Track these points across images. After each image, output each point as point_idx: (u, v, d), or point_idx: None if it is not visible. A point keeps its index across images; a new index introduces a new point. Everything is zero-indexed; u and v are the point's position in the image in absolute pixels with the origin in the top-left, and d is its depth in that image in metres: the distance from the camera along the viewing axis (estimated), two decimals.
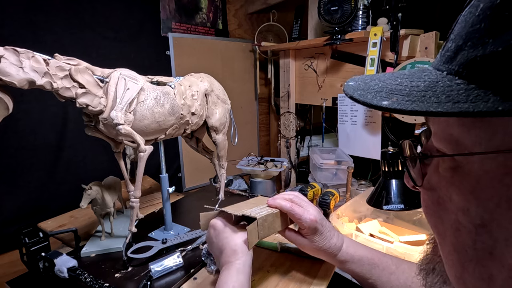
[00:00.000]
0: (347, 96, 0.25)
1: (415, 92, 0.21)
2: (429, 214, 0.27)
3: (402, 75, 0.25)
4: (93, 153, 1.23)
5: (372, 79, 0.26)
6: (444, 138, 0.23)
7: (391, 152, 0.94)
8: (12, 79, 0.51)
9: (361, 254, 0.58)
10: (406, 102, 0.20)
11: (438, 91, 0.20)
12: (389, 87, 0.23)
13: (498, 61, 0.17)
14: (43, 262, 0.66)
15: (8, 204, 1.06)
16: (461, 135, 0.21)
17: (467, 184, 0.22)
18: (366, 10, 1.26)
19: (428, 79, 0.22)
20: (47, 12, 1.09)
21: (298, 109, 1.76)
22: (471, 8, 0.20)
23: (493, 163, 0.20)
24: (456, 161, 0.22)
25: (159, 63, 1.45)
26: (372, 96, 0.23)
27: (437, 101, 0.19)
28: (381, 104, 0.21)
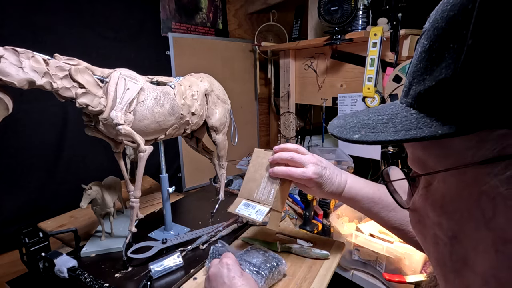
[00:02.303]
0: (328, 131, 0.29)
1: (380, 124, 0.24)
2: (416, 232, 0.29)
3: (374, 110, 0.28)
4: (93, 153, 1.23)
5: (351, 117, 0.29)
6: (414, 160, 0.26)
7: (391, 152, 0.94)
8: (12, 79, 0.51)
9: (362, 193, 0.62)
10: (371, 134, 0.24)
11: (397, 121, 0.23)
12: (361, 123, 0.26)
13: (434, 93, 0.21)
14: (43, 262, 0.66)
15: (8, 204, 1.06)
16: (424, 156, 0.24)
17: (437, 200, 0.24)
18: (366, 10, 1.26)
19: (391, 112, 0.25)
20: (47, 12, 1.09)
21: (298, 109, 1.76)
22: (415, 51, 0.24)
23: (452, 179, 0.22)
24: (427, 180, 0.25)
25: (159, 63, 1.44)
26: (347, 132, 0.26)
27: (394, 130, 0.22)
28: (353, 138, 0.25)
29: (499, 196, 0.19)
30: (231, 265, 0.53)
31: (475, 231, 0.21)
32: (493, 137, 0.19)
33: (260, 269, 0.60)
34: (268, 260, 0.64)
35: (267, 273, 0.60)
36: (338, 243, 0.79)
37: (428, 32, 0.22)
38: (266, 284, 0.60)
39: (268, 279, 0.60)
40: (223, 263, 0.54)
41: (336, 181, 0.63)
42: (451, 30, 0.20)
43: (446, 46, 0.20)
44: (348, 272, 0.89)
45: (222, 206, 0.96)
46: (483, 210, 0.20)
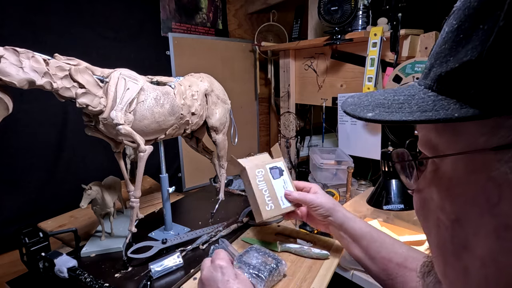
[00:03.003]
0: (342, 111, 0.28)
1: (395, 104, 0.24)
2: (419, 216, 0.29)
3: (390, 91, 0.27)
4: (93, 153, 1.23)
5: (366, 96, 0.29)
6: (425, 142, 0.26)
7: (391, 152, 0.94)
8: (12, 79, 0.51)
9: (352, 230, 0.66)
10: (385, 113, 0.23)
11: (413, 103, 0.23)
12: (376, 102, 0.26)
13: (456, 76, 0.20)
14: (43, 262, 0.66)
15: (8, 204, 1.06)
16: (436, 139, 0.24)
17: (443, 184, 0.24)
18: (366, 10, 1.26)
19: (408, 93, 0.25)
20: (47, 12, 1.09)
21: (298, 109, 1.76)
22: (442, 31, 0.24)
23: (461, 163, 0.22)
24: (436, 164, 0.25)
25: (159, 63, 1.44)
26: (361, 110, 0.26)
27: (409, 111, 0.22)
28: (366, 116, 0.25)
29: (506, 183, 0.19)
30: (224, 268, 0.51)
31: (478, 216, 0.21)
32: (509, 124, 0.19)
33: (260, 271, 0.60)
34: (268, 261, 0.64)
35: (266, 276, 0.60)
36: (338, 243, 0.79)
37: (458, 12, 0.21)
38: (266, 287, 0.60)
39: (268, 281, 0.60)
40: (215, 266, 0.51)
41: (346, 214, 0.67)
42: (483, 10, 0.19)
43: (476, 26, 0.19)
44: (348, 272, 0.89)
45: (222, 206, 0.96)
46: (488, 196, 0.20)
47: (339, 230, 0.67)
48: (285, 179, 0.72)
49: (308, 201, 0.68)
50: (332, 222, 0.67)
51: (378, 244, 0.61)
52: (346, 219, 0.66)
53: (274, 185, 0.70)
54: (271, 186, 0.70)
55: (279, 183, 0.71)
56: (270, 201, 0.68)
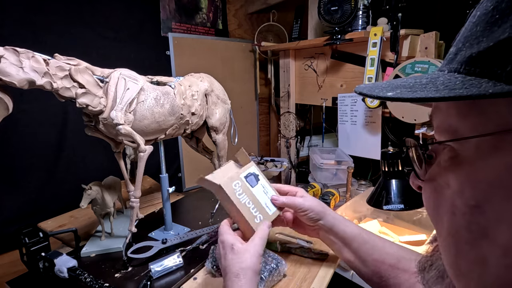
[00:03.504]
0: (356, 93, 0.27)
1: (418, 85, 0.23)
2: (429, 205, 0.28)
3: (408, 77, 0.27)
4: (93, 153, 1.23)
5: (382, 82, 0.28)
6: (444, 129, 0.25)
7: (391, 152, 0.94)
8: (12, 79, 0.51)
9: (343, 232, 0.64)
10: (408, 92, 0.22)
11: (438, 83, 0.22)
12: (395, 84, 0.25)
13: (491, 55, 0.20)
14: (43, 262, 0.66)
15: (8, 204, 1.06)
16: (459, 123, 0.23)
17: (463, 169, 0.23)
18: (366, 10, 1.26)
19: (430, 77, 0.24)
20: (47, 12, 1.09)
21: (298, 109, 1.76)
22: (470, 18, 0.23)
23: (486, 145, 0.21)
24: (455, 150, 0.24)
25: (159, 63, 1.44)
26: (379, 91, 0.25)
27: (435, 90, 0.21)
28: (386, 95, 0.24)
29: None
30: (224, 242, 0.54)
31: (503, 201, 0.20)
32: None
33: (260, 272, 0.60)
34: (268, 261, 0.64)
35: (266, 276, 0.60)
36: None
37: None
38: (266, 287, 0.60)
39: (268, 281, 0.60)
40: (219, 242, 0.56)
41: (336, 216, 0.65)
42: None
43: None
44: (348, 272, 0.89)
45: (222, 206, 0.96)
46: None
47: (329, 234, 0.64)
48: (263, 184, 0.66)
49: (297, 206, 0.64)
50: (323, 226, 0.64)
51: (369, 246, 0.59)
52: (337, 221, 0.64)
53: (254, 193, 0.63)
54: (253, 196, 0.62)
55: (259, 190, 0.64)
56: (257, 212, 0.60)
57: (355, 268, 0.62)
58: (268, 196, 0.65)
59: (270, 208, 0.63)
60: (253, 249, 0.52)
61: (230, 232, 0.56)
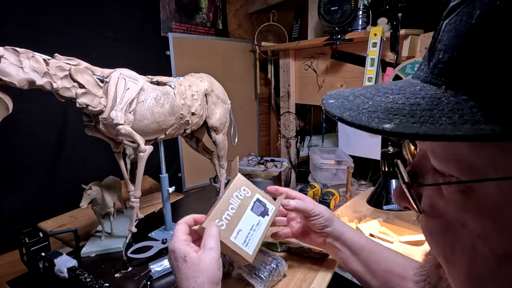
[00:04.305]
0: (334, 118, 0.21)
1: (418, 111, 0.18)
2: (435, 242, 0.24)
3: (389, 90, 0.22)
4: (93, 153, 1.23)
5: (355, 96, 0.23)
6: (449, 159, 0.21)
7: (391, 152, 0.94)
8: (12, 79, 0.51)
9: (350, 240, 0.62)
10: (413, 125, 0.17)
11: (446, 109, 0.17)
12: (383, 106, 0.20)
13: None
14: (43, 262, 0.66)
15: (8, 204, 1.06)
16: (472, 157, 0.19)
17: (485, 210, 0.20)
18: (366, 10, 1.26)
19: (425, 95, 0.20)
20: (47, 12, 1.09)
21: (298, 109, 1.76)
22: (460, 16, 0.19)
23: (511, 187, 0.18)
24: (467, 184, 0.20)
25: (159, 63, 1.44)
26: (368, 118, 0.20)
27: (450, 122, 0.16)
28: (383, 127, 0.18)
29: None
30: (175, 251, 0.46)
31: None
32: None
33: (260, 271, 0.60)
34: (268, 261, 0.64)
35: (266, 276, 0.60)
36: None
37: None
38: (266, 287, 0.60)
39: (268, 281, 0.60)
40: (169, 251, 0.48)
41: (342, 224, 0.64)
42: None
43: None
44: None
45: None
46: None
47: (337, 242, 0.62)
48: (261, 224, 0.56)
49: (309, 210, 0.62)
50: (331, 233, 0.62)
51: (377, 255, 0.57)
52: (345, 229, 0.62)
53: (245, 215, 0.54)
54: (240, 213, 0.54)
55: (251, 220, 0.55)
56: (224, 220, 0.52)
57: (363, 280, 0.59)
58: (255, 234, 0.54)
59: (238, 239, 0.52)
60: (208, 257, 0.45)
61: (184, 238, 0.49)
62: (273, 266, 0.62)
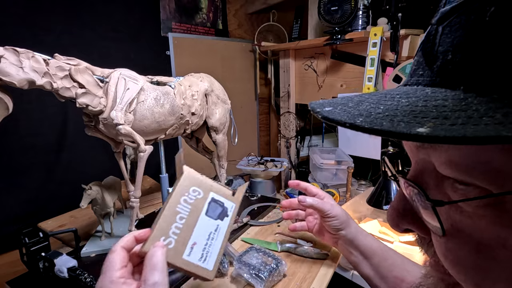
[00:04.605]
0: (344, 126, 0.18)
1: (449, 113, 0.16)
2: (462, 268, 0.21)
3: (395, 95, 0.20)
4: (93, 153, 1.23)
5: (356, 102, 0.21)
6: (477, 167, 0.18)
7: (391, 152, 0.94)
8: (12, 79, 0.51)
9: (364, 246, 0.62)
10: (453, 127, 0.14)
11: (482, 109, 0.15)
12: (401, 109, 0.18)
13: None
14: (43, 262, 0.66)
15: (8, 204, 1.06)
16: (504, 164, 0.17)
17: None
18: (366, 10, 1.26)
19: (445, 97, 0.17)
20: (47, 12, 1.09)
21: (298, 109, 1.76)
22: (466, 16, 0.17)
23: None
24: (495, 198, 0.18)
25: (159, 63, 1.45)
26: (391, 123, 0.16)
27: (497, 122, 0.14)
28: (417, 132, 0.15)
29: None
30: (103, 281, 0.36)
31: None
32: None
33: (260, 271, 0.60)
34: (268, 261, 0.64)
35: (266, 276, 0.60)
36: None
37: None
38: (266, 287, 0.60)
39: (268, 281, 0.60)
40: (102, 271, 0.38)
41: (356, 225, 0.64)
42: None
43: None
44: (348, 272, 0.89)
45: None
46: None
47: (349, 246, 0.62)
48: (220, 229, 0.46)
49: (325, 210, 0.62)
50: (343, 236, 0.62)
51: (390, 262, 0.57)
52: (359, 234, 0.62)
53: (198, 223, 0.44)
54: (192, 222, 0.44)
55: (207, 227, 0.45)
56: (172, 236, 0.42)
57: (373, 285, 0.59)
58: (215, 244, 0.45)
59: (192, 256, 0.42)
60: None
61: (118, 274, 0.36)
62: (273, 266, 0.62)
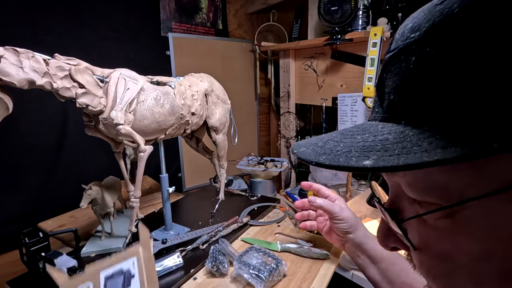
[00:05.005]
0: (311, 164, 0.22)
1: (390, 145, 0.19)
2: (434, 277, 0.24)
3: (354, 132, 0.24)
4: (93, 153, 1.23)
5: (324, 142, 0.24)
6: (426, 188, 0.21)
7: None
8: (12, 79, 0.51)
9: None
10: (390, 157, 0.18)
11: (414, 140, 0.19)
12: (355, 146, 0.21)
13: (468, 103, 0.17)
14: (43, 262, 0.66)
15: (8, 204, 1.06)
16: (446, 181, 0.20)
17: (479, 230, 0.20)
18: (366, 10, 1.26)
19: (390, 131, 0.21)
20: (47, 12, 1.09)
21: (298, 109, 1.76)
22: (399, 64, 0.21)
23: (496, 201, 0.18)
24: (451, 208, 0.20)
25: (159, 63, 1.44)
26: (345, 159, 0.20)
27: (423, 150, 0.17)
28: (363, 164, 0.19)
29: None
30: None
31: None
32: None
33: (260, 271, 0.60)
34: (268, 261, 0.64)
35: (266, 276, 0.60)
36: None
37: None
38: (266, 287, 0.60)
39: (268, 281, 0.60)
40: None
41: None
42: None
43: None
44: (348, 272, 0.89)
45: (222, 206, 0.96)
46: None
47: (357, 249, 0.62)
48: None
49: (334, 212, 0.63)
50: (351, 240, 0.63)
51: (398, 267, 0.57)
52: (367, 238, 0.62)
53: None
54: None
55: None
56: None
57: (377, 286, 0.59)
58: None
59: None
60: None
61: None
62: (273, 266, 0.62)
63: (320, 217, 0.71)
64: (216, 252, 0.68)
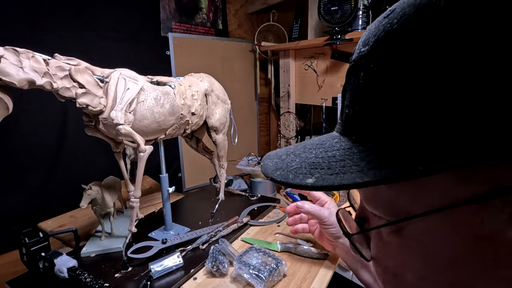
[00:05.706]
0: (268, 179, 0.23)
1: (334, 163, 0.20)
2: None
3: (313, 145, 0.24)
4: (93, 153, 1.23)
5: (287, 154, 0.25)
6: (376, 203, 0.22)
7: None
8: (12, 79, 0.51)
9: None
10: (331, 177, 0.19)
11: (355, 158, 0.19)
12: (307, 162, 0.22)
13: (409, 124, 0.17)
14: (43, 262, 0.66)
15: (8, 204, 1.06)
16: (393, 197, 0.20)
17: (424, 248, 0.19)
18: (366, 10, 1.26)
19: (340, 147, 0.21)
20: (47, 12, 1.09)
21: (298, 109, 1.76)
22: (353, 79, 0.21)
23: (438, 220, 0.18)
24: (397, 224, 0.20)
25: (159, 63, 1.44)
26: (294, 176, 0.21)
27: (359, 170, 0.18)
28: (306, 183, 0.20)
29: (499, 240, 0.16)
30: None
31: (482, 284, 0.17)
32: (483, 169, 0.16)
33: (260, 271, 0.60)
34: (268, 261, 0.64)
35: (266, 276, 0.60)
36: None
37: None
38: (266, 287, 0.60)
39: (268, 281, 0.60)
40: None
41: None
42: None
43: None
44: (348, 272, 0.89)
45: (222, 206, 0.96)
46: (483, 258, 0.17)
47: (348, 254, 0.62)
48: None
49: (323, 218, 0.62)
50: (341, 244, 0.62)
51: None
52: None
53: None
54: None
55: None
56: None
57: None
58: None
59: None
60: None
61: None
62: (273, 266, 0.62)
63: (311, 220, 0.70)
64: (216, 252, 0.68)
